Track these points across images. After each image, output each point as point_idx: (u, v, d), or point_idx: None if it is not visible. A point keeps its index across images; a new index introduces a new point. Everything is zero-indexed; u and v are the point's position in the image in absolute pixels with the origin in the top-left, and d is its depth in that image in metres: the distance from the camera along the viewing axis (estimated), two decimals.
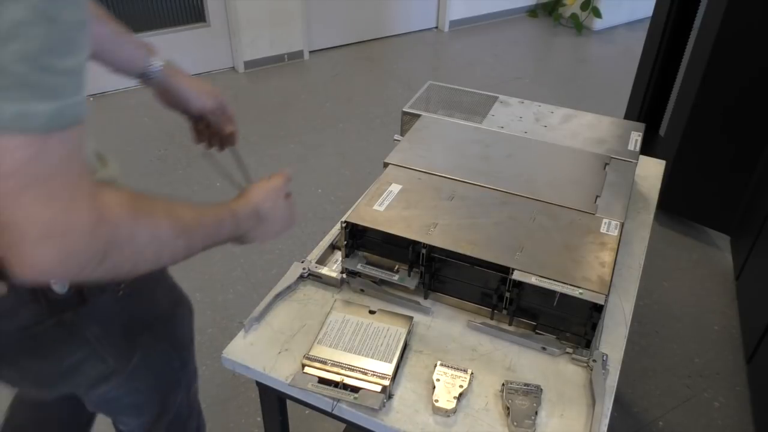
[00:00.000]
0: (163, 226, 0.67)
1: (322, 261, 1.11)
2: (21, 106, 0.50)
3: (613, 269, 0.96)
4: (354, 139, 3.03)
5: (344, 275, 1.06)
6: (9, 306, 0.74)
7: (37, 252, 0.53)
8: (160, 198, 0.69)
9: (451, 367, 0.90)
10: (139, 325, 0.92)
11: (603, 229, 1.04)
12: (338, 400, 0.87)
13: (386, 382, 0.86)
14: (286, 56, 3.68)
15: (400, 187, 1.11)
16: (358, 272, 1.04)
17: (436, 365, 0.91)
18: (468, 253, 0.97)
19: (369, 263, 1.05)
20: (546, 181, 1.15)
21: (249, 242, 0.89)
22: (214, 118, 1.03)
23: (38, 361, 0.84)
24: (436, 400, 0.86)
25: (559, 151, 1.26)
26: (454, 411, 0.85)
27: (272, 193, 0.89)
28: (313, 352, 0.90)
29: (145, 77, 0.96)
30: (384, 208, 1.06)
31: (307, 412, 1.00)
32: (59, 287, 0.75)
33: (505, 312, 0.99)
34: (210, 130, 1.06)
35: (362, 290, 1.05)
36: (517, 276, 0.93)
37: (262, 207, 0.87)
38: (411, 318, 0.98)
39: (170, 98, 1.00)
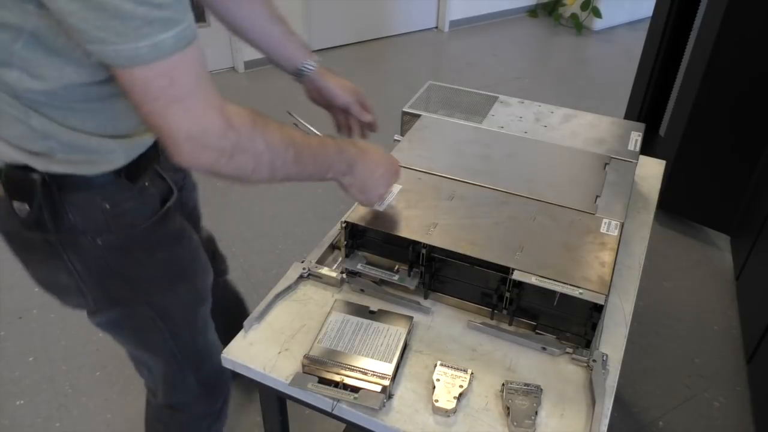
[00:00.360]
0: (275, 137, 0.81)
1: (322, 261, 1.11)
2: (151, 40, 0.66)
3: (613, 269, 0.96)
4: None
5: (344, 275, 1.06)
6: (3, 207, 0.87)
7: (184, 148, 0.72)
8: (267, 116, 0.82)
9: (451, 367, 0.90)
10: (120, 280, 0.96)
11: (603, 229, 1.04)
12: (338, 400, 0.87)
13: (386, 382, 0.86)
14: None
15: (400, 187, 1.11)
16: (358, 272, 1.04)
17: (436, 365, 0.91)
18: (468, 253, 0.97)
19: (369, 263, 1.05)
20: (546, 180, 1.15)
21: (357, 185, 0.97)
22: (355, 110, 1.17)
23: (33, 265, 0.96)
24: (436, 400, 0.86)
25: (559, 151, 1.26)
26: (454, 411, 0.85)
27: (362, 143, 1.02)
28: (313, 352, 0.90)
29: (299, 74, 1.14)
30: (384, 208, 1.06)
31: (307, 412, 1.00)
32: (19, 210, 0.85)
33: (505, 312, 0.99)
34: (350, 121, 1.20)
35: (362, 290, 1.05)
36: (517, 276, 0.93)
37: (360, 143, 0.99)
38: (411, 318, 0.98)
39: (318, 94, 1.16)
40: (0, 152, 0.82)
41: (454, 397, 0.86)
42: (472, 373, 0.90)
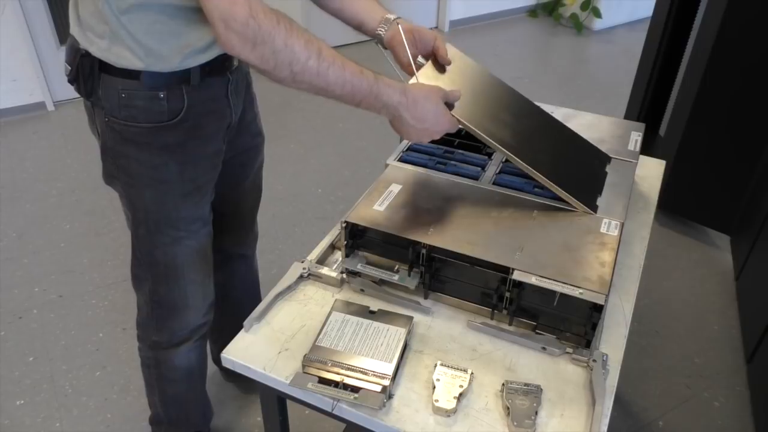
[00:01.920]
0: (297, 43, 0.90)
1: (322, 261, 1.11)
2: None
3: (613, 269, 0.96)
4: (354, 139, 3.03)
5: (344, 275, 1.06)
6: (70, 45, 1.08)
7: (219, 28, 0.87)
8: (306, 30, 0.92)
9: (451, 367, 0.90)
10: (112, 158, 1.13)
11: (603, 229, 1.04)
12: (338, 400, 0.87)
13: (386, 382, 0.86)
14: None
15: (400, 187, 1.11)
16: (358, 272, 1.04)
17: (436, 365, 0.91)
18: (468, 253, 0.97)
19: (369, 263, 1.05)
20: (553, 160, 1.13)
21: (395, 125, 1.02)
22: (440, 44, 1.18)
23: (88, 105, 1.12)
24: (436, 400, 0.86)
25: (579, 142, 1.22)
26: (454, 411, 0.85)
27: (426, 87, 1.04)
28: (313, 352, 0.90)
29: (385, 22, 1.19)
30: (384, 208, 1.06)
31: (307, 412, 1.00)
32: (65, 68, 1.09)
33: (505, 312, 0.99)
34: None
35: (362, 290, 1.05)
36: (517, 276, 0.93)
37: (412, 90, 1.01)
38: (411, 318, 0.98)
39: (411, 35, 1.17)
40: (72, 26, 1.05)
41: (454, 397, 0.86)
42: (472, 373, 0.90)
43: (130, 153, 1.10)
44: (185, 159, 1.13)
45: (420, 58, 1.19)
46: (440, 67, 1.19)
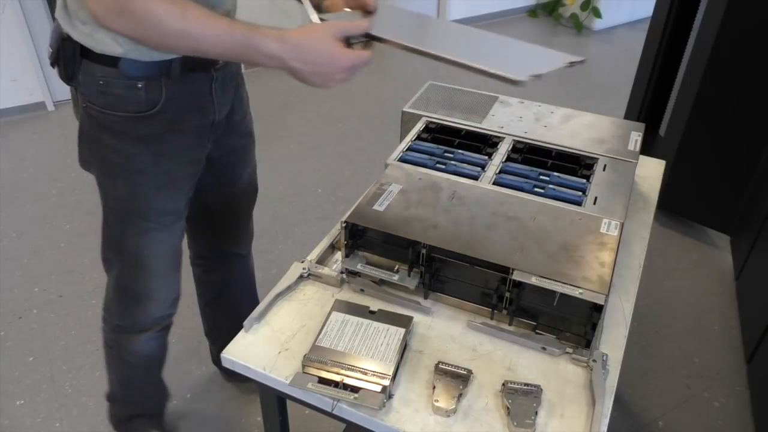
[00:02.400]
0: (156, 7, 0.89)
1: (322, 261, 1.11)
2: None
3: (613, 269, 0.96)
4: (354, 139, 3.03)
5: (344, 275, 1.06)
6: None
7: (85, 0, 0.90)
8: None
9: (451, 367, 0.90)
10: (87, 144, 1.15)
11: (603, 229, 1.04)
12: (338, 400, 0.87)
13: (386, 382, 0.86)
14: None
15: (400, 187, 1.12)
16: (358, 272, 1.04)
17: (436, 365, 0.91)
18: (468, 253, 0.97)
19: (369, 263, 1.05)
20: (484, 53, 1.07)
21: (298, 73, 0.94)
22: None
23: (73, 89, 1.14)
24: (436, 400, 0.86)
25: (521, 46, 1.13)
26: (454, 411, 0.85)
27: (311, 28, 0.96)
28: (313, 352, 0.90)
29: None
30: (384, 208, 1.06)
31: (307, 412, 1.00)
32: (48, 51, 1.10)
33: (505, 312, 0.99)
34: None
35: (362, 290, 1.05)
36: (517, 276, 0.93)
37: (292, 35, 0.94)
38: (411, 318, 0.98)
39: None
40: (58, 10, 1.05)
41: (454, 397, 0.86)
42: (472, 373, 0.90)
43: (106, 141, 1.11)
44: (161, 150, 1.12)
45: (346, 9, 1.11)
46: (369, 15, 1.10)
